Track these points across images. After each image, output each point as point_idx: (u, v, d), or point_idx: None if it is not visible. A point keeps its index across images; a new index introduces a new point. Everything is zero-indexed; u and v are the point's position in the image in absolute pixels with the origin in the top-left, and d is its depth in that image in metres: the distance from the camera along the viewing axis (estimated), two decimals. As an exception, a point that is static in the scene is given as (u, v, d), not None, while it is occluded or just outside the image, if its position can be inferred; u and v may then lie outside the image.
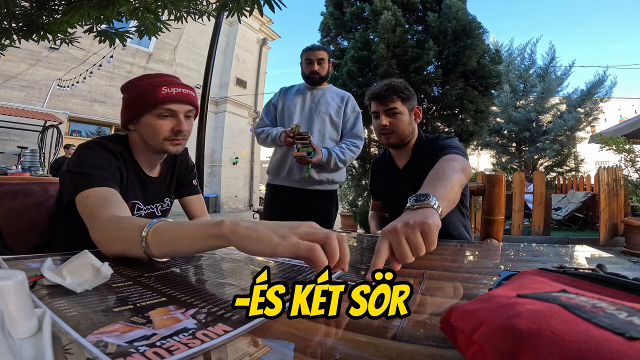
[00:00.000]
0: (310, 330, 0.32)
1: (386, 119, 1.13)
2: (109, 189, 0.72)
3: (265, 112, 1.77)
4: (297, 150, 1.49)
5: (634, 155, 4.15)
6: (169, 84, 0.83)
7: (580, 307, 0.18)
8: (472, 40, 4.05)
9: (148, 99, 0.82)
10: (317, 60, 1.66)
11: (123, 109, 0.87)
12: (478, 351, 0.20)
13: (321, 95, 1.69)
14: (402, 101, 1.13)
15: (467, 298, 0.42)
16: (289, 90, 1.75)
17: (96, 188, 0.71)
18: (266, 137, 1.66)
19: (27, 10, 1.55)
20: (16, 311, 0.27)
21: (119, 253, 0.59)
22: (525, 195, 4.67)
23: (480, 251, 0.81)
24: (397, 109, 1.13)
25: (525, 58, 9.55)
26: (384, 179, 1.28)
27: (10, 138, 6.74)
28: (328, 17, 4.97)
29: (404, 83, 1.16)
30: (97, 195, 0.70)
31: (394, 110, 1.13)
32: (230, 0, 1.31)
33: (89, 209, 0.67)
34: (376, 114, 1.16)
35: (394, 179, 1.22)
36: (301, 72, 1.73)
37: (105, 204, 0.68)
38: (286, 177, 1.67)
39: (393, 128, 1.13)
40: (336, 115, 1.68)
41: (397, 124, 1.13)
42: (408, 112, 1.15)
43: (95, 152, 0.79)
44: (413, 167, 1.17)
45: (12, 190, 1.01)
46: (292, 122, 1.63)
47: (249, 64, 11.17)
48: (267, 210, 1.80)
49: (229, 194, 10.23)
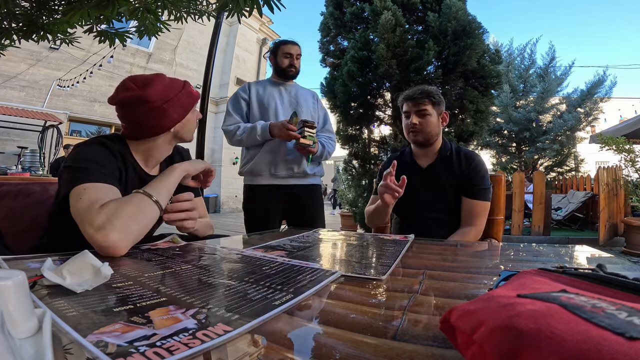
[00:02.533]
0: (310, 330, 0.33)
1: (416, 119, 1.24)
2: (108, 185, 0.72)
3: (234, 107, 1.62)
4: (303, 138, 1.45)
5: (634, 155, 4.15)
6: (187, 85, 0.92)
7: (580, 307, 0.18)
8: (472, 40, 4.05)
9: (191, 99, 0.91)
10: (296, 55, 1.64)
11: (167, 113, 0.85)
12: (478, 351, 0.20)
13: (295, 90, 1.68)
14: (432, 105, 1.25)
15: (467, 298, 0.42)
16: (259, 85, 1.68)
17: (94, 183, 0.70)
18: (246, 133, 1.51)
19: (27, 10, 1.55)
20: (16, 311, 0.27)
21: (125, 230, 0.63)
22: (525, 195, 4.67)
23: (480, 251, 0.81)
24: (427, 111, 1.24)
25: (525, 58, 9.55)
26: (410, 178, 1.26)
27: (10, 138, 6.74)
28: (328, 17, 4.97)
29: (436, 89, 1.29)
30: (95, 190, 0.69)
31: (424, 111, 1.24)
32: (230, 1, 1.31)
33: (82, 202, 0.66)
34: (407, 113, 1.28)
35: (415, 177, 1.26)
36: (273, 65, 1.68)
37: (104, 198, 0.67)
38: (274, 174, 1.56)
39: (422, 127, 1.24)
40: (313, 110, 1.69)
41: (426, 124, 1.24)
42: (437, 115, 1.27)
43: (94, 149, 0.79)
44: (435, 170, 1.27)
45: (12, 190, 1.01)
46: (277, 115, 1.58)
47: (249, 64, 11.17)
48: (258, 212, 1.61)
49: (229, 194, 10.23)
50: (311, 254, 0.71)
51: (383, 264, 0.59)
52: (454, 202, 1.25)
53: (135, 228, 0.66)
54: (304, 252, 0.72)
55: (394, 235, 0.98)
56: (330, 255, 0.70)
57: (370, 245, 0.81)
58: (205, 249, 0.71)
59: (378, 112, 4.63)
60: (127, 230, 0.64)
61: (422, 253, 0.76)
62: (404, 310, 0.37)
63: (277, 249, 0.75)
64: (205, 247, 0.74)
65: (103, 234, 0.61)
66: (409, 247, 0.79)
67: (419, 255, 0.73)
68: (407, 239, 0.90)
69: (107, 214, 0.63)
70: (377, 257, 0.65)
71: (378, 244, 0.81)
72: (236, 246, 0.80)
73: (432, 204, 1.26)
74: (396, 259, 0.63)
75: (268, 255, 0.65)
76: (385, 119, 4.68)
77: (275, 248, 0.75)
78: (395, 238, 0.93)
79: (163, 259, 0.60)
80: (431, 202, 1.26)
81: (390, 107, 4.61)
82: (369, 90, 4.39)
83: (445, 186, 1.25)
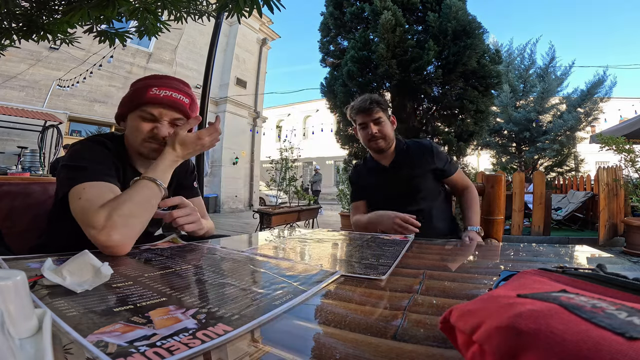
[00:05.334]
0: (310, 330, 0.33)
1: (375, 127, 1.31)
2: (107, 183, 0.71)
3: None
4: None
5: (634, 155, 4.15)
6: (161, 85, 0.81)
7: (580, 307, 0.18)
8: (472, 40, 4.05)
9: (136, 98, 0.82)
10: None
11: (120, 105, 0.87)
12: (478, 351, 0.20)
13: None
14: (382, 111, 1.32)
15: (467, 298, 0.42)
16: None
17: (93, 182, 0.70)
18: None
19: (27, 10, 1.55)
20: (16, 311, 0.27)
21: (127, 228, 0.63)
22: (525, 195, 4.66)
23: (480, 251, 0.81)
24: (381, 118, 1.32)
25: (525, 58, 9.56)
26: (375, 178, 1.39)
27: (10, 138, 6.73)
28: (328, 17, 4.97)
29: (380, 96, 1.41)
30: (94, 189, 0.68)
31: (379, 119, 1.31)
32: (230, 1, 1.31)
33: (82, 202, 0.66)
34: (364, 124, 1.33)
35: (383, 176, 1.37)
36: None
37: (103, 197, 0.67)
38: None
39: (382, 134, 1.31)
40: None
41: (384, 130, 1.32)
42: (388, 119, 1.35)
43: (91, 147, 0.79)
44: (400, 163, 1.35)
45: (12, 190, 1.01)
46: None
47: (249, 64, 11.16)
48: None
49: (229, 194, 10.22)
50: (311, 254, 0.71)
51: (383, 264, 0.59)
52: (430, 187, 1.35)
53: (137, 223, 0.66)
54: (304, 252, 0.72)
55: (394, 235, 0.98)
56: (330, 255, 0.70)
57: (370, 245, 0.81)
58: (205, 249, 0.71)
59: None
60: (129, 228, 0.64)
61: (422, 253, 0.76)
62: (404, 310, 0.37)
63: (277, 248, 0.75)
64: (205, 247, 0.74)
65: (105, 235, 0.61)
66: (409, 247, 0.79)
67: (419, 255, 0.73)
68: (407, 239, 0.90)
69: (108, 214, 0.63)
70: (377, 257, 0.65)
71: (378, 244, 0.81)
72: (236, 246, 0.80)
73: (410, 195, 1.33)
74: (396, 259, 0.63)
75: (268, 255, 0.65)
76: (385, 119, 4.68)
77: (275, 248, 0.75)
78: (395, 238, 0.93)
79: (163, 259, 0.60)
80: (410, 194, 1.33)
81: (390, 107, 4.61)
82: (369, 90, 4.39)
83: (414, 176, 1.33)
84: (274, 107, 22.94)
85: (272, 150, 9.36)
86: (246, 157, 11.13)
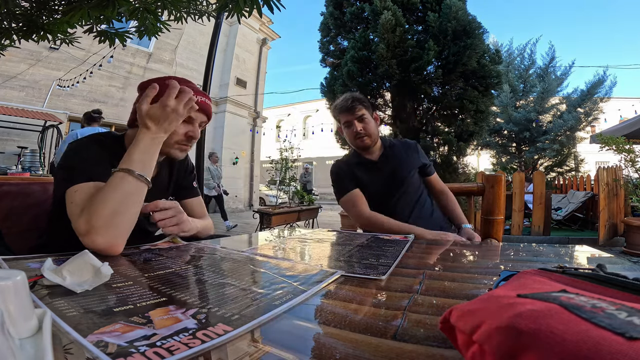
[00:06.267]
0: (310, 330, 0.33)
1: (359, 125, 1.31)
2: (101, 183, 0.70)
3: None
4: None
5: (634, 155, 4.15)
6: (195, 91, 0.83)
7: (580, 307, 0.18)
8: (472, 40, 4.05)
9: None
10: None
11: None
12: (478, 351, 0.20)
13: None
14: (365, 108, 1.33)
15: (467, 298, 0.42)
16: None
17: (86, 183, 0.69)
18: None
19: (27, 10, 1.55)
20: (16, 311, 0.27)
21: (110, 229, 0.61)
22: (525, 195, 4.66)
23: (480, 251, 0.81)
24: (365, 115, 1.32)
25: (525, 58, 9.56)
26: (364, 172, 1.37)
27: (10, 138, 6.73)
28: (328, 17, 4.97)
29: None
30: (85, 192, 0.68)
31: (363, 116, 1.32)
32: (230, 1, 1.31)
33: (72, 207, 0.66)
34: (348, 123, 1.33)
35: (373, 170, 1.36)
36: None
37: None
38: None
39: (367, 131, 1.32)
40: None
41: (369, 127, 1.32)
42: (371, 116, 1.35)
43: (88, 147, 0.78)
44: (388, 156, 1.37)
45: (12, 190, 1.01)
46: None
47: (249, 64, 11.16)
48: None
49: (229, 193, 10.23)
50: (311, 254, 0.71)
51: (383, 264, 0.59)
52: (417, 182, 1.38)
53: (123, 221, 0.64)
54: (304, 252, 0.72)
55: (394, 235, 0.98)
56: (330, 255, 0.70)
57: (370, 245, 0.81)
58: (205, 249, 0.71)
59: (378, 112, 4.63)
60: (114, 227, 0.62)
61: (422, 253, 0.76)
62: (404, 310, 0.37)
63: (277, 248, 0.75)
64: (205, 247, 0.74)
65: (89, 240, 0.60)
66: (409, 247, 0.79)
67: (419, 255, 0.73)
68: (407, 239, 0.90)
69: (86, 219, 0.61)
70: (377, 257, 0.65)
71: (378, 244, 0.81)
72: (236, 246, 0.80)
73: (402, 188, 1.33)
74: (396, 259, 0.63)
75: (268, 255, 0.65)
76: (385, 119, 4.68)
77: (275, 248, 0.75)
78: (395, 238, 0.93)
79: (163, 259, 0.60)
80: (402, 187, 1.34)
81: (390, 107, 4.61)
82: (369, 90, 4.39)
83: (403, 170, 1.34)
84: (274, 107, 22.96)
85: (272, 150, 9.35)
86: (246, 157, 11.13)
